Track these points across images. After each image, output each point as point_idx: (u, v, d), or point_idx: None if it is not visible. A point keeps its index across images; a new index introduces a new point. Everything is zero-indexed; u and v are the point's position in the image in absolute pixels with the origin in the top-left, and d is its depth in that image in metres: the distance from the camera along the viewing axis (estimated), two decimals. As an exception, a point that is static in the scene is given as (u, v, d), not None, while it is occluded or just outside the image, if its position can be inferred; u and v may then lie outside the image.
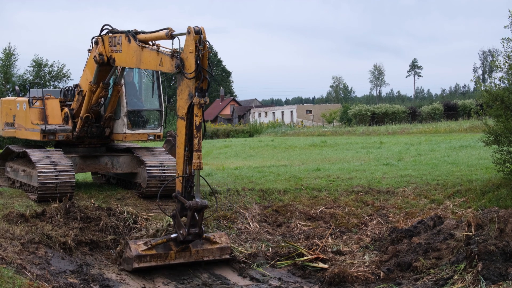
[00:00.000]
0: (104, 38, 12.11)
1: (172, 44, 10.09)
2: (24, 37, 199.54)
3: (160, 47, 10.57)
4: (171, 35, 10.11)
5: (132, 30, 11.21)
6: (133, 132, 13.43)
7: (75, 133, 13.51)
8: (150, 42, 10.87)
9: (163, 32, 10.37)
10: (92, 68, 12.72)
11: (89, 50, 12.83)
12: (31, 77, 35.08)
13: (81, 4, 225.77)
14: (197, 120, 9.51)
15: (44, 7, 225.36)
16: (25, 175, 13.39)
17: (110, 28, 12.01)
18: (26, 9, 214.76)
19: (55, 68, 35.79)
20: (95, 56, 12.17)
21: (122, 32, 11.49)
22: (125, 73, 13.20)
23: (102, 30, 12.18)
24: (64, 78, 35.57)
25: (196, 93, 9.43)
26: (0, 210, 11.50)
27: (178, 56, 9.68)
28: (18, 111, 14.34)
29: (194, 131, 9.56)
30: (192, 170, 9.81)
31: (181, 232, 9.83)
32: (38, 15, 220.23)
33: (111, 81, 12.84)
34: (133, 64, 11.26)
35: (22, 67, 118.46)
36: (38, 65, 35.42)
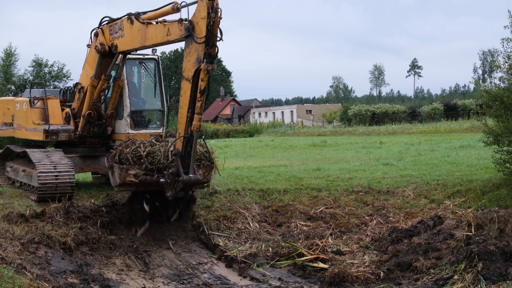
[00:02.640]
0: (103, 28, 12.28)
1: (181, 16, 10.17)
2: (24, 37, 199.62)
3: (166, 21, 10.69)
4: (177, 8, 10.24)
5: (134, 12, 11.34)
6: (136, 132, 13.48)
7: (77, 133, 13.51)
8: (153, 22, 11.00)
9: (168, 7, 10.47)
10: (93, 62, 12.76)
11: (88, 45, 12.86)
12: (31, 77, 35.06)
13: (81, 4, 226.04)
14: (202, 84, 9.66)
15: (44, 7, 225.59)
16: (25, 175, 13.40)
17: (110, 19, 12.17)
18: (26, 9, 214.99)
19: (55, 68, 35.79)
20: (96, 46, 12.26)
21: (123, 16, 11.62)
22: (125, 68, 13.20)
23: (101, 22, 12.34)
24: (64, 78, 35.56)
25: (205, 59, 9.50)
26: (0, 210, 11.51)
27: (188, 19, 9.77)
28: (17, 111, 14.31)
29: (198, 94, 9.69)
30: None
31: (169, 193, 10.20)
32: (38, 15, 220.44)
33: (112, 73, 12.94)
34: (138, 44, 11.31)
35: (22, 67, 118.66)
36: (38, 65, 35.41)
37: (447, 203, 13.02)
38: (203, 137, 11.36)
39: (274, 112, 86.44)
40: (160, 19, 10.87)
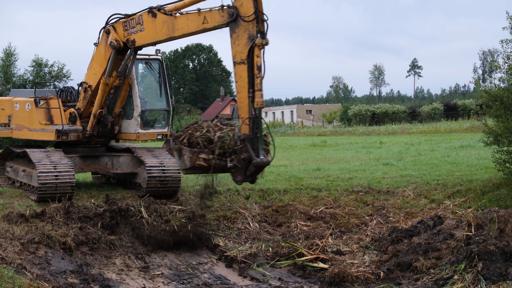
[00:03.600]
0: (116, 25, 12.33)
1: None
2: (24, 37, 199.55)
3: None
4: None
5: (155, 6, 11.41)
6: (145, 131, 13.65)
7: (87, 132, 13.48)
8: (183, 12, 11.11)
9: None
10: (101, 60, 12.78)
11: (96, 44, 12.86)
12: (31, 77, 35.00)
13: (81, 4, 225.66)
14: (258, 61, 9.68)
15: (44, 7, 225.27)
16: (25, 175, 13.38)
17: (122, 16, 12.21)
18: (26, 9, 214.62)
19: (55, 68, 35.71)
20: (112, 42, 12.27)
21: (141, 11, 11.70)
22: (133, 66, 13.26)
23: (109, 20, 12.40)
24: (64, 78, 35.47)
25: (258, 35, 9.65)
26: (0, 210, 11.50)
27: (231, 5, 9.88)
28: (17, 111, 14.17)
29: (256, 71, 9.69)
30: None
31: (240, 178, 9.87)
32: (38, 15, 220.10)
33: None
34: (164, 36, 11.37)
35: (22, 67, 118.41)
36: (38, 65, 35.31)
37: (447, 203, 13.02)
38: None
39: (274, 112, 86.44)
40: (187, 8, 10.99)
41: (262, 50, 9.62)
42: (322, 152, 25.10)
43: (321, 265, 10.80)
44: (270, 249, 11.75)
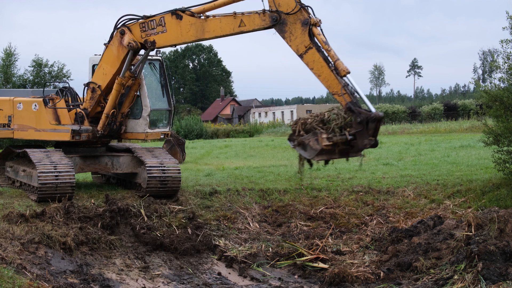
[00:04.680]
0: (131, 26, 12.41)
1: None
2: (24, 37, 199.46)
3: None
4: None
5: (180, 8, 11.60)
6: (152, 131, 13.81)
7: (99, 132, 13.48)
8: (215, 14, 11.25)
9: None
10: (113, 60, 12.83)
11: (106, 44, 12.87)
12: (31, 77, 34.98)
13: (81, 4, 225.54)
14: (321, 38, 9.94)
15: (44, 7, 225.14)
16: (25, 175, 13.38)
17: (137, 17, 12.30)
18: (26, 9, 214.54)
19: (55, 68, 35.70)
20: (130, 43, 12.31)
21: (162, 13, 11.84)
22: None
23: (120, 20, 12.46)
24: (64, 78, 35.41)
25: (309, 16, 9.97)
26: (0, 210, 11.50)
27: (273, 9, 10.17)
28: (20, 111, 14.07)
29: (325, 46, 9.88)
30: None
31: (366, 141, 9.64)
32: (38, 15, 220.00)
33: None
34: (191, 38, 11.58)
35: (22, 67, 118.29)
36: (38, 65, 35.29)
37: (447, 203, 13.02)
38: None
39: (274, 112, 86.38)
40: (216, 10, 11.22)
41: (319, 27, 9.91)
42: (322, 152, 25.05)
43: (321, 265, 10.80)
44: (270, 249, 11.75)
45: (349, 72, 9.82)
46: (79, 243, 10.71)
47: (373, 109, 9.67)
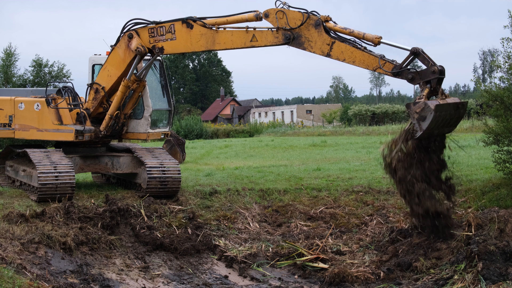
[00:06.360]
0: (139, 31, 12.44)
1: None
2: (24, 37, 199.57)
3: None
4: (261, 17, 10.81)
5: (192, 17, 11.72)
6: (153, 131, 13.93)
7: (102, 133, 13.53)
8: (226, 27, 11.45)
9: (250, 15, 11.06)
10: (118, 63, 12.90)
11: (112, 46, 12.90)
12: (31, 77, 34.98)
13: (81, 4, 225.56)
14: (337, 28, 10.23)
15: (44, 7, 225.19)
16: (25, 175, 13.38)
17: (147, 22, 12.38)
18: (26, 9, 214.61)
19: (55, 68, 35.70)
20: (138, 48, 12.36)
21: (172, 20, 11.98)
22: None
23: (127, 24, 12.53)
24: (64, 78, 35.41)
25: (319, 16, 10.29)
26: (0, 210, 11.51)
27: (287, 28, 10.39)
28: (22, 111, 14.04)
29: (346, 30, 10.19)
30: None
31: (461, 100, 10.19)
32: (38, 15, 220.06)
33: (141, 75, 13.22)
34: (201, 48, 11.73)
35: (22, 67, 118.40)
36: (38, 65, 35.28)
37: (447, 203, 12.99)
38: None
39: (274, 112, 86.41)
40: (235, 24, 11.37)
41: (331, 20, 10.15)
42: (322, 152, 25.09)
43: (321, 265, 10.80)
44: (270, 249, 11.75)
45: (381, 37, 10.06)
46: (79, 243, 10.72)
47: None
